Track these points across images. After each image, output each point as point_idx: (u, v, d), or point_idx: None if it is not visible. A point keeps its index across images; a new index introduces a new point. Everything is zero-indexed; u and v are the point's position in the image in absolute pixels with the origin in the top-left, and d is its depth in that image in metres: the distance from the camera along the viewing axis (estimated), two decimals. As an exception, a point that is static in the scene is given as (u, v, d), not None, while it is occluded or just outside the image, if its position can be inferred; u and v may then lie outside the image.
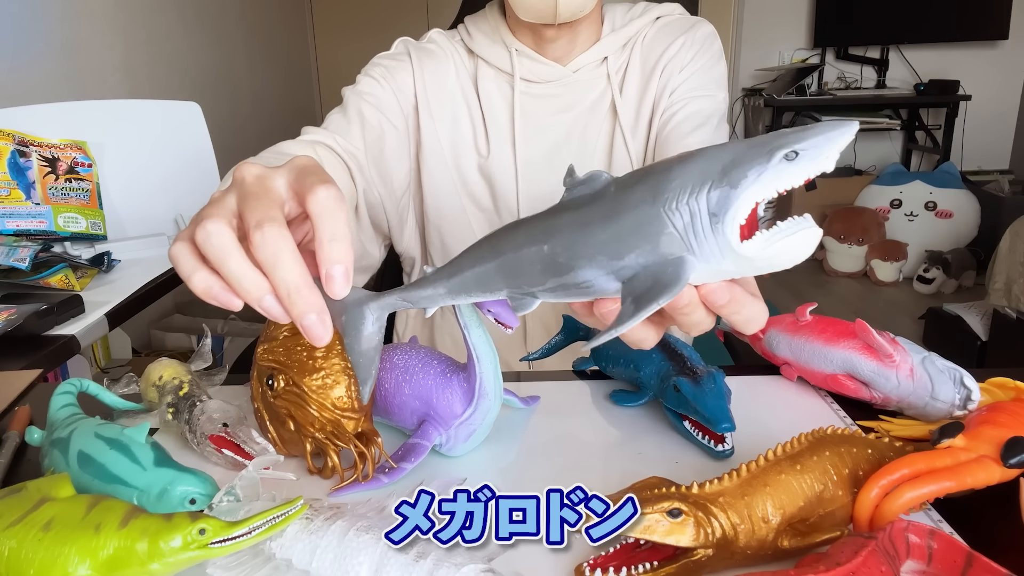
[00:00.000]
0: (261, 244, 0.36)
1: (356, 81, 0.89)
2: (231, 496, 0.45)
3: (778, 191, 0.33)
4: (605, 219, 0.37)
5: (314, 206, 0.38)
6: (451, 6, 1.32)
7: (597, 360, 0.72)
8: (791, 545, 0.43)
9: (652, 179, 0.36)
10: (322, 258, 0.38)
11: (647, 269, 0.36)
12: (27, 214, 1.18)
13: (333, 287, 0.38)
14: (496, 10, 0.92)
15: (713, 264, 0.35)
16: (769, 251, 0.34)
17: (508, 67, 0.89)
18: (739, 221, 0.34)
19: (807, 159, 0.33)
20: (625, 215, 0.36)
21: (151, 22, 2.42)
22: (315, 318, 0.38)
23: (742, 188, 0.33)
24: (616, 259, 0.36)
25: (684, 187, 0.35)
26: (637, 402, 0.65)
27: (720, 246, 0.34)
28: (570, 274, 0.38)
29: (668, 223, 0.35)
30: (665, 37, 0.89)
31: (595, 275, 0.37)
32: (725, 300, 0.38)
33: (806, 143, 0.33)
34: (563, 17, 0.79)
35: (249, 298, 0.38)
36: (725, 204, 0.33)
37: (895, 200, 3.70)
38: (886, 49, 3.97)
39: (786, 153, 0.33)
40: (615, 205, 0.37)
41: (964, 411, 0.57)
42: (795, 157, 0.33)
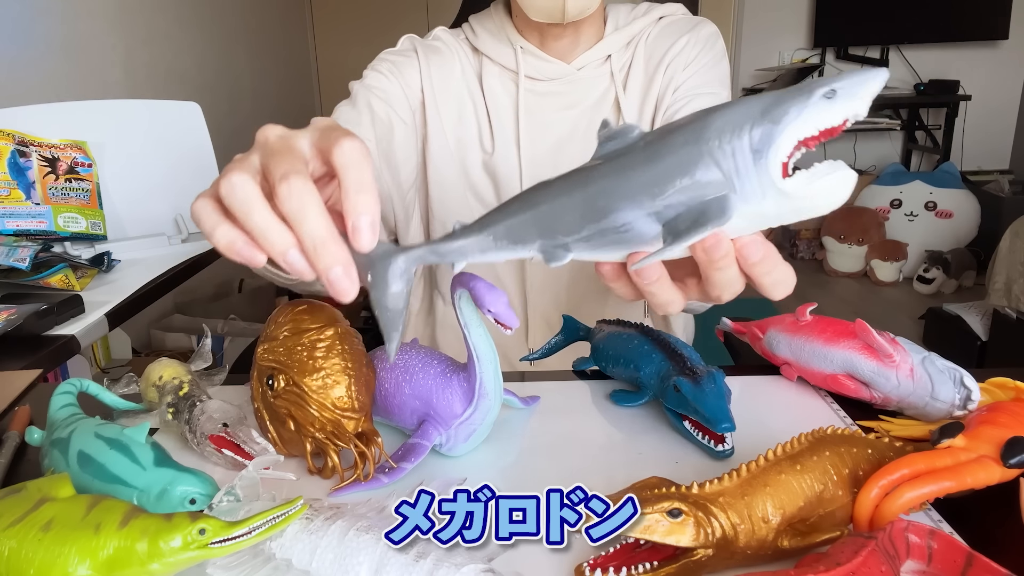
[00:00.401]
0: (287, 196, 0.36)
1: (363, 76, 0.89)
2: (231, 496, 0.45)
3: (819, 128, 0.34)
4: (646, 161, 0.37)
5: (339, 158, 0.37)
6: (451, 6, 1.32)
7: (597, 360, 0.72)
8: (791, 545, 0.43)
9: (693, 123, 0.36)
10: (348, 209, 0.37)
11: (690, 209, 0.36)
12: (27, 214, 1.18)
13: (360, 239, 0.37)
14: (501, 8, 0.92)
15: (754, 204, 0.35)
16: (810, 189, 0.35)
17: (513, 64, 0.89)
18: (781, 157, 0.34)
19: (844, 97, 0.34)
20: (667, 156, 0.36)
21: (151, 22, 2.42)
22: (341, 271, 0.37)
23: (784, 124, 0.34)
24: (658, 198, 0.36)
25: (727, 127, 0.35)
26: (637, 402, 0.65)
27: (762, 183, 0.35)
28: (609, 217, 0.38)
29: (712, 161, 0.35)
30: (669, 36, 0.89)
31: (635, 216, 0.37)
32: (759, 256, 0.38)
33: (844, 82, 0.34)
34: (571, 16, 0.80)
35: (274, 251, 0.37)
36: (768, 140, 0.34)
37: (895, 200, 3.70)
38: (886, 49, 3.97)
39: (825, 92, 0.34)
40: (656, 149, 0.37)
41: (964, 411, 0.57)
42: (833, 95, 0.34)
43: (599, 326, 0.75)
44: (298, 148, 0.39)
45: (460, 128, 0.91)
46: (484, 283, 0.52)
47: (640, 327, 0.69)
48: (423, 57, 0.90)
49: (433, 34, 0.94)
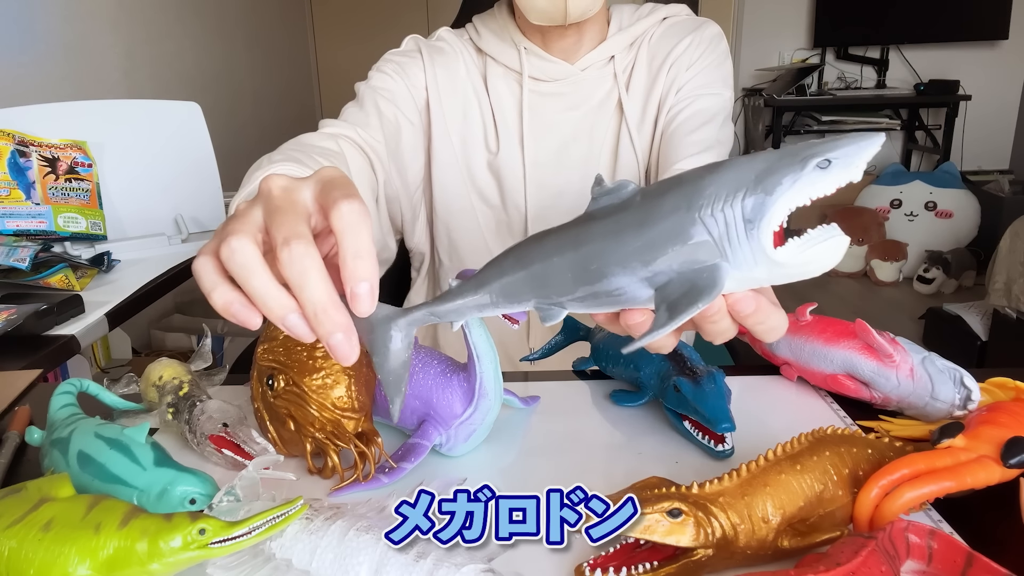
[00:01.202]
0: (288, 262, 0.36)
1: (368, 77, 0.90)
2: (231, 496, 0.45)
3: (810, 198, 0.34)
4: (639, 226, 0.37)
5: (338, 222, 0.37)
6: (451, 6, 1.32)
7: (597, 360, 0.72)
8: (791, 545, 0.43)
9: (685, 187, 0.36)
10: (347, 276, 0.37)
11: (681, 276, 0.36)
12: (27, 214, 1.18)
13: (359, 305, 0.37)
14: (505, 9, 0.92)
15: (746, 271, 0.36)
16: (802, 257, 0.35)
17: (517, 65, 0.89)
18: (774, 227, 0.34)
19: (839, 167, 0.34)
20: (660, 222, 0.36)
21: (152, 22, 2.42)
22: (342, 337, 0.37)
23: (777, 195, 0.34)
24: (649, 265, 0.37)
25: (719, 194, 0.35)
26: (637, 402, 0.65)
27: (754, 252, 0.35)
28: (602, 282, 0.38)
29: (703, 229, 0.35)
30: (672, 36, 0.89)
31: (628, 282, 0.38)
32: (751, 309, 0.39)
33: (838, 152, 0.33)
34: (572, 18, 0.80)
35: (273, 316, 0.37)
36: (760, 210, 0.34)
37: (895, 200, 3.70)
38: (886, 49, 3.97)
39: (819, 162, 0.34)
40: (648, 212, 0.37)
41: (964, 411, 0.57)
42: (828, 165, 0.34)
43: (599, 326, 0.75)
44: (300, 204, 0.39)
45: (464, 128, 0.91)
46: None
47: None
48: (427, 57, 0.90)
49: (437, 35, 0.94)
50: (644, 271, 0.37)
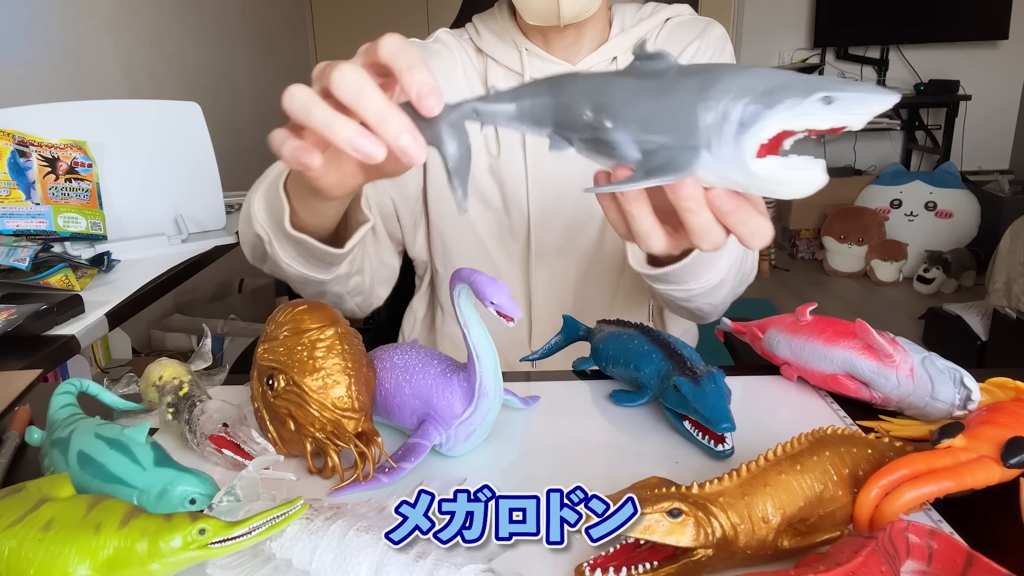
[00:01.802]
0: (341, 82, 0.39)
1: None
2: (231, 496, 0.45)
3: (805, 127, 0.36)
4: (654, 94, 0.40)
5: (385, 51, 0.41)
6: (451, 6, 1.32)
7: (597, 360, 0.72)
8: (791, 545, 0.43)
9: (706, 75, 0.39)
10: (408, 84, 0.40)
11: (666, 149, 0.39)
12: (27, 214, 1.18)
13: (425, 104, 0.41)
14: (505, 9, 0.92)
15: (723, 168, 0.38)
16: (776, 175, 0.37)
17: (518, 66, 0.89)
18: (760, 139, 0.36)
19: (839, 108, 0.35)
20: (669, 98, 0.39)
21: (152, 22, 2.42)
22: (409, 138, 0.40)
23: (774, 111, 0.36)
24: (646, 132, 0.40)
25: (727, 91, 0.37)
26: (637, 402, 0.65)
27: (735, 154, 0.37)
28: (606, 132, 0.41)
29: (700, 116, 0.37)
30: (678, 39, 0.89)
31: (625, 139, 0.41)
32: (730, 208, 0.40)
33: (846, 94, 0.35)
34: (567, 19, 0.80)
35: (340, 138, 0.40)
36: (754, 119, 0.36)
37: (895, 200, 3.70)
38: (886, 49, 3.97)
39: (824, 96, 0.35)
40: (667, 86, 0.40)
41: (964, 411, 0.57)
42: (830, 103, 0.35)
43: (599, 326, 0.75)
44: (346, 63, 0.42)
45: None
46: (485, 276, 0.52)
47: (640, 327, 0.69)
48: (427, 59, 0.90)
49: (435, 36, 0.94)
50: (641, 135, 0.40)
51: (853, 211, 3.72)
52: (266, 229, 0.66)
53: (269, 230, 0.66)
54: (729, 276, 0.73)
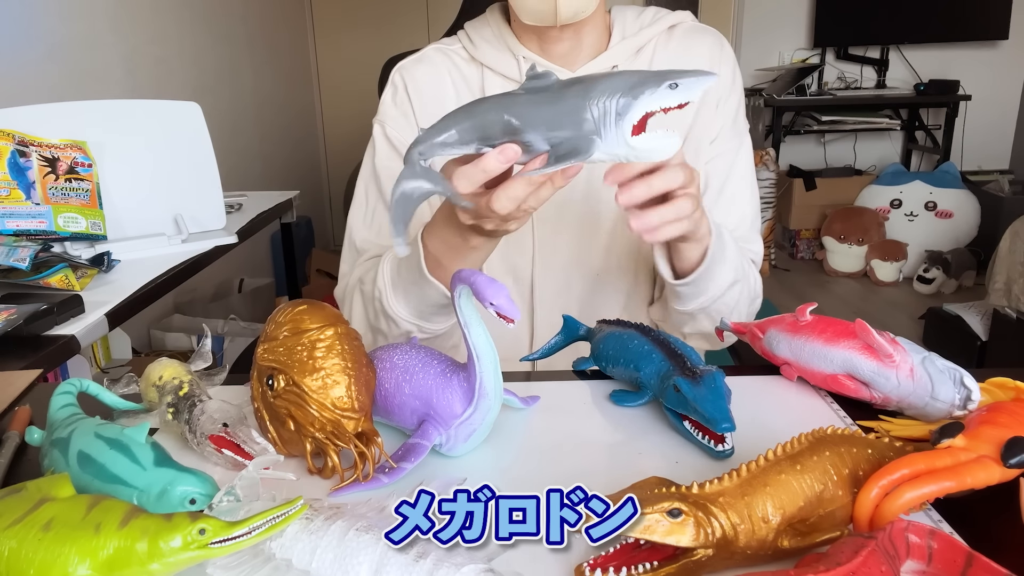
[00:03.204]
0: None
1: (374, 139, 0.92)
2: (231, 496, 0.45)
3: (661, 107, 0.52)
4: (550, 103, 0.55)
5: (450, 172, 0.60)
6: (451, 6, 1.32)
7: (597, 360, 0.72)
8: (791, 545, 0.43)
9: (586, 84, 0.54)
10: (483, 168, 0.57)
11: (569, 140, 0.54)
12: (27, 214, 1.18)
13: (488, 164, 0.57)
14: (499, 15, 0.90)
15: (611, 148, 0.54)
16: (647, 145, 0.54)
17: (515, 75, 0.88)
18: (632, 122, 0.52)
19: (682, 90, 0.52)
20: (564, 103, 0.54)
21: (152, 22, 2.42)
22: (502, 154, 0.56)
23: (640, 101, 0.52)
24: (552, 130, 0.54)
25: (604, 92, 0.53)
26: (637, 402, 0.65)
27: (618, 135, 0.53)
28: (519, 135, 0.55)
29: (589, 114, 0.53)
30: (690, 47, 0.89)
31: (535, 138, 0.55)
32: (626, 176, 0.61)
33: (685, 80, 0.52)
34: (564, 18, 0.78)
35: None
36: (627, 109, 0.52)
37: (895, 200, 3.70)
38: (886, 49, 3.97)
39: (670, 83, 0.52)
40: (559, 96, 0.55)
41: (964, 411, 0.57)
42: (676, 87, 0.52)
43: (599, 326, 0.75)
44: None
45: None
46: (484, 277, 0.52)
47: (640, 327, 0.69)
48: (415, 99, 0.90)
49: (422, 53, 0.93)
50: (547, 133, 0.54)
51: (853, 211, 3.72)
52: (414, 321, 0.79)
53: (417, 319, 0.79)
54: (735, 289, 0.79)
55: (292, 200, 1.95)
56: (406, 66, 0.92)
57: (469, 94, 0.90)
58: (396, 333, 0.79)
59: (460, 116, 0.58)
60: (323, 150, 4.42)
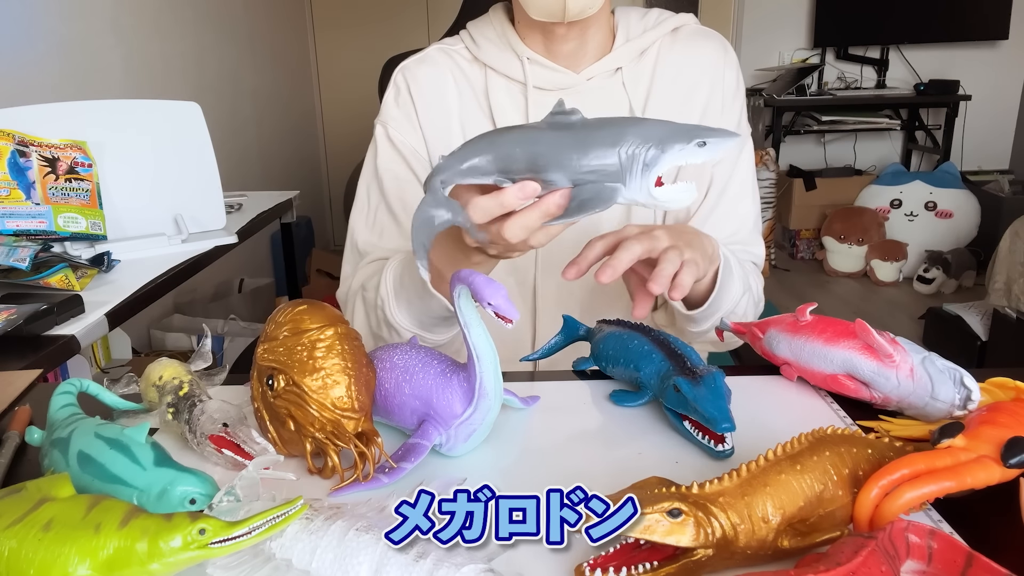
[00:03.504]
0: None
1: (376, 140, 0.91)
2: (231, 496, 0.45)
3: (687, 162, 0.53)
4: (578, 143, 0.54)
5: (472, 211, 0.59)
6: (451, 6, 1.32)
7: (597, 360, 0.72)
8: (791, 545, 0.43)
9: (616, 128, 0.53)
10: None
11: (593, 185, 0.54)
12: (27, 214, 1.18)
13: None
14: (502, 15, 0.90)
15: (633, 195, 0.54)
16: (667, 196, 0.54)
17: (520, 75, 0.87)
18: (659, 174, 0.53)
19: (709, 150, 0.52)
20: (591, 146, 0.53)
21: (152, 22, 2.42)
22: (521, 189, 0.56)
23: (668, 154, 0.52)
24: (576, 173, 0.54)
25: (635, 141, 0.52)
26: (637, 402, 0.65)
27: (642, 186, 0.53)
28: (543, 173, 0.54)
29: (617, 160, 0.53)
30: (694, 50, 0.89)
31: (559, 178, 0.54)
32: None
33: (712, 140, 0.52)
34: (572, 15, 0.78)
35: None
36: (655, 161, 0.52)
37: (895, 200, 3.70)
38: (886, 49, 3.97)
39: (699, 142, 0.52)
40: (587, 136, 0.54)
41: (964, 411, 0.57)
42: (704, 146, 0.52)
43: (599, 326, 0.75)
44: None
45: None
46: (483, 277, 0.52)
47: (640, 327, 0.69)
48: (419, 101, 0.90)
49: (424, 53, 0.92)
50: (572, 174, 0.54)
51: (853, 211, 3.72)
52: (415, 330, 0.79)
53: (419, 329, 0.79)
54: (743, 300, 0.81)
55: (292, 200, 1.95)
56: (408, 67, 0.91)
57: (472, 95, 0.89)
58: (398, 341, 0.80)
59: (483, 146, 0.57)
60: (323, 150, 4.42)
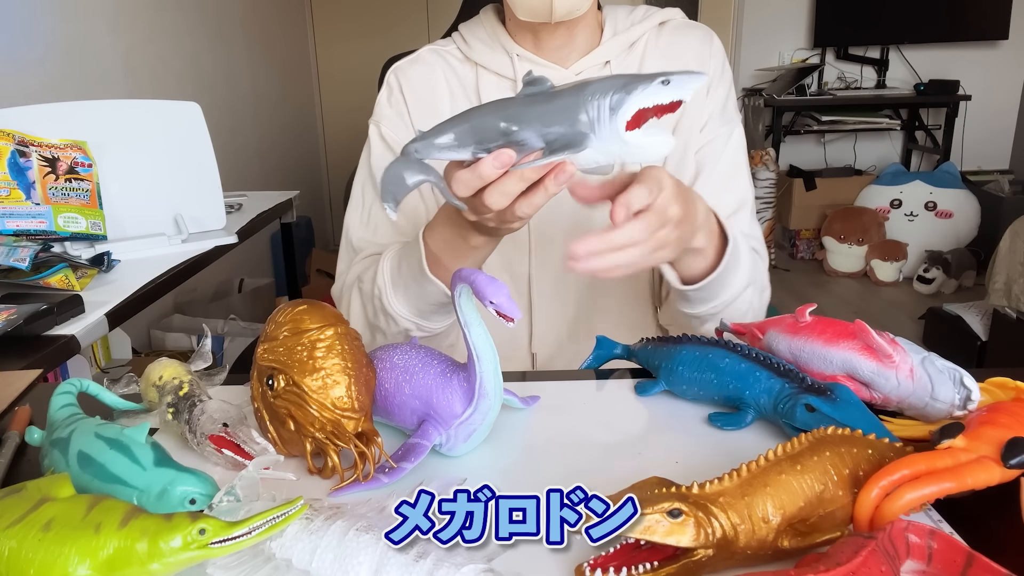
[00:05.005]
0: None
1: (370, 139, 0.92)
2: (231, 496, 0.45)
3: (654, 103, 0.53)
4: (544, 102, 0.55)
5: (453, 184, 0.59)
6: (451, 6, 1.32)
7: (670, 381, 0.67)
8: (791, 545, 0.43)
9: (580, 83, 0.55)
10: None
11: (563, 136, 0.54)
12: (27, 214, 1.18)
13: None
14: (492, 15, 0.91)
15: (605, 143, 0.54)
16: (640, 141, 0.54)
17: (510, 72, 0.88)
18: (626, 117, 0.53)
19: (675, 87, 0.52)
20: (558, 102, 0.55)
21: (151, 22, 2.42)
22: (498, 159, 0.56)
23: (633, 96, 0.53)
24: (546, 127, 0.55)
25: (598, 90, 0.53)
26: (741, 424, 0.61)
27: (611, 131, 0.53)
28: (514, 134, 0.55)
29: (583, 110, 0.53)
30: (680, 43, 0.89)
31: (530, 136, 0.55)
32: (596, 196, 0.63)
33: (676, 77, 0.52)
34: (559, 15, 0.79)
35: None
36: (620, 104, 0.53)
37: (895, 200, 3.70)
38: (886, 49, 3.97)
39: (662, 80, 0.52)
40: (553, 97, 0.55)
41: (964, 411, 0.57)
42: (668, 84, 0.52)
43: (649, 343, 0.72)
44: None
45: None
46: (485, 276, 0.52)
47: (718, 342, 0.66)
48: (410, 100, 0.90)
49: (417, 55, 0.93)
50: (541, 131, 0.55)
51: (853, 211, 3.72)
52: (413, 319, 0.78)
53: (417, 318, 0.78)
54: (744, 297, 0.79)
55: (292, 200, 1.95)
56: (401, 67, 0.93)
57: (463, 93, 0.91)
58: (395, 331, 0.80)
59: (457, 120, 0.58)
60: (323, 150, 4.42)
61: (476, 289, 0.52)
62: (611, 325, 0.89)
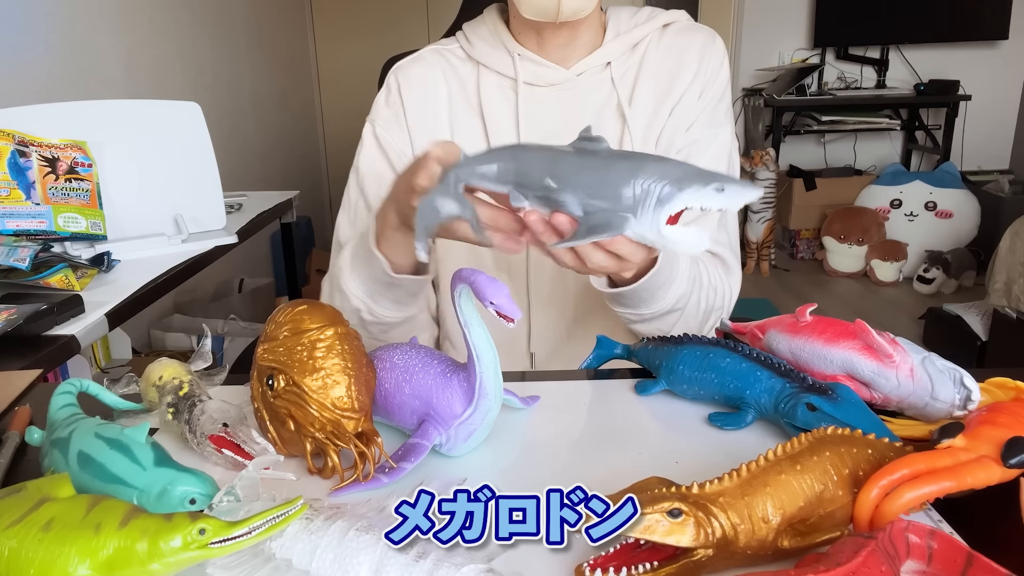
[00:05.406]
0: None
1: (363, 138, 0.92)
2: (231, 496, 0.45)
3: (700, 207, 0.50)
4: (596, 170, 0.53)
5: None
6: (451, 6, 1.32)
7: (669, 380, 0.67)
8: (791, 545, 0.43)
9: (637, 160, 0.52)
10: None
11: (604, 212, 0.53)
12: (27, 214, 1.18)
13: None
14: (495, 15, 0.91)
15: (642, 230, 0.52)
16: (677, 238, 0.52)
17: (511, 71, 0.88)
18: (670, 212, 0.51)
19: (726, 197, 0.50)
20: (610, 174, 0.52)
21: (152, 22, 2.42)
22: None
23: (683, 194, 0.50)
24: (590, 197, 0.53)
25: (653, 175, 0.51)
26: (741, 424, 0.62)
27: (652, 221, 0.52)
28: (556, 194, 0.54)
29: (631, 191, 0.51)
30: (680, 45, 0.89)
31: (571, 200, 0.54)
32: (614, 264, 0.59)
33: (732, 187, 0.50)
34: (565, 15, 0.79)
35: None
36: (668, 198, 0.51)
37: (895, 200, 3.70)
38: (886, 49, 3.97)
39: (717, 187, 0.50)
40: (607, 165, 0.53)
41: (964, 411, 0.57)
42: (722, 191, 0.50)
43: (649, 343, 0.72)
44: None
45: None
46: (485, 276, 0.52)
47: (719, 342, 0.66)
48: (407, 102, 0.90)
49: (419, 54, 0.93)
50: (585, 199, 0.53)
51: (853, 211, 3.72)
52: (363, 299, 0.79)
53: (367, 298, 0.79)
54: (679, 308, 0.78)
55: (292, 200, 1.95)
56: (402, 67, 0.93)
57: (462, 92, 0.91)
58: (348, 309, 0.80)
59: (506, 155, 0.57)
60: (323, 150, 4.42)
61: (476, 289, 0.52)
62: (610, 324, 0.89)
